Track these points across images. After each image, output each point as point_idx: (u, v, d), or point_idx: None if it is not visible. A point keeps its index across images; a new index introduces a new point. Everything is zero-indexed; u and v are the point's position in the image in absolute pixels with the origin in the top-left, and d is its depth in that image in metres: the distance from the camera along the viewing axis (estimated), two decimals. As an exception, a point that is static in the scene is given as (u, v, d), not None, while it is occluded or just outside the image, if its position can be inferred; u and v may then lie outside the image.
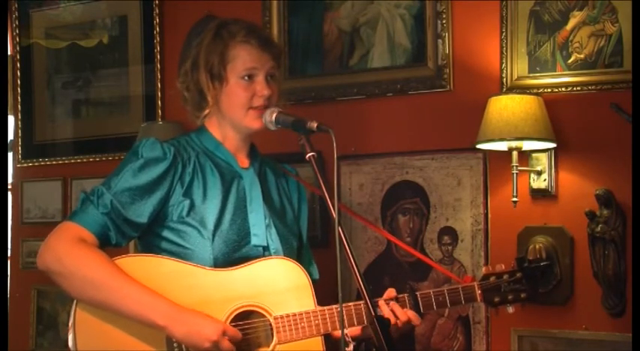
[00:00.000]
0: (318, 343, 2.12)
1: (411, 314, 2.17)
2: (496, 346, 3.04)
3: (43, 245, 2.04)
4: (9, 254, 4.20)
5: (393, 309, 2.15)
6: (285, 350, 2.09)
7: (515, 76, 3.05)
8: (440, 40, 3.20)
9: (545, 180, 2.96)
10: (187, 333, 1.98)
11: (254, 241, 2.17)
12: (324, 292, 2.20)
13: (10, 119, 4.26)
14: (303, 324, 2.10)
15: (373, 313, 1.89)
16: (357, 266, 1.91)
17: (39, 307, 4.11)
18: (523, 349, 2.99)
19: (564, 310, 2.94)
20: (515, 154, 2.87)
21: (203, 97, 2.23)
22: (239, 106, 2.19)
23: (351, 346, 2.13)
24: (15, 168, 4.29)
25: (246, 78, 2.19)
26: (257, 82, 2.19)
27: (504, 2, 3.07)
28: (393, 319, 2.13)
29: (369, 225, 2.89)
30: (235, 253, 2.14)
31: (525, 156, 2.98)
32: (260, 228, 2.19)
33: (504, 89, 3.05)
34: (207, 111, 2.23)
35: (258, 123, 2.19)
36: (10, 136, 4.23)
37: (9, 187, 4.25)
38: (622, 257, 2.81)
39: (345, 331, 2.18)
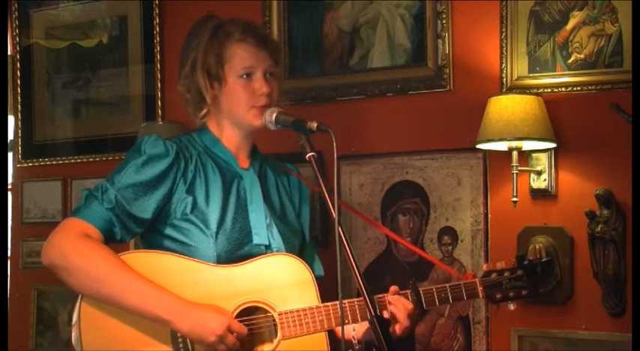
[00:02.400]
0: (321, 338, 2.13)
1: (406, 303, 2.16)
2: (496, 346, 3.05)
3: (48, 241, 2.04)
4: (9, 254, 4.20)
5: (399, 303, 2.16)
6: (289, 346, 2.10)
7: (515, 76, 3.05)
8: (440, 40, 3.20)
9: (545, 180, 2.96)
10: (192, 327, 1.98)
11: (256, 240, 2.18)
12: (325, 292, 2.20)
13: (10, 119, 4.26)
14: (307, 320, 2.11)
15: (373, 313, 1.89)
16: (357, 266, 1.92)
17: (39, 307, 4.11)
18: (523, 349, 2.99)
19: (564, 310, 2.94)
20: (515, 154, 2.87)
21: (202, 97, 2.24)
22: (240, 105, 2.20)
23: (357, 348, 2.15)
24: (15, 168, 4.29)
25: (244, 77, 2.20)
26: (255, 79, 2.20)
27: (504, 2, 3.07)
28: (401, 312, 2.13)
29: (370, 222, 2.90)
30: (238, 251, 2.15)
31: (525, 156, 2.98)
32: (261, 227, 2.20)
33: (504, 89, 3.05)
34: (205, 110, 2.24)
35: (259, 120, 2.19)
36: (10, 136, 4.23)
37: (9, 187, 4.25)
38: (622, 257, 2.81)
39: (353, 332, 2.20)
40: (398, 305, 2.15)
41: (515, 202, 2.91)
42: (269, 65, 2.23)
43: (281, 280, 2.14)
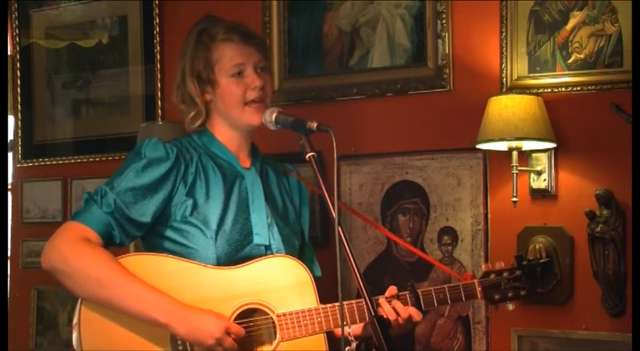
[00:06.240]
0: (320, 340, 2.14)
1: (412, 311, 2.18)
2: (496, 346, 3.05)
3: (48, 245, 2.06)
4: (9, 254, 4.20)
5: (394, 306, 2.16)
6: (288, 347, 2.10)
7: (515, 76, 3.05)
8: (440, 40, 3.20)
9: (545, 180, 2.96)
10: (191, 330, 1.99)
11: (256, 240, 2.19)
12: (324, 292, 2.20)
13: (10, 119, 4.26)
14: (305, 321, 2.11)
15: (373, 313, 1.89)
16: (357, 266, 1.92)
17: (39, 307, 4.11)
18: (523, 349, 2.99)
19: (564, 310, 2.94)
20: (515, 154, 2.87)
21: (195, 104, 2.26)
22: (235, 104, 2.21)
23: (354, 345, 2.14)
24: (15, 168, 4.29)
25: (236, 75, 2.21)
26: (247, 75, 2.22)
27: (504, 2, 3.07)
28: (394, 316, 2.14)
29: (369, 223, 2.90)
30: (238, 253, 2.16)
31: (525, 156, 2.98)
32: (262, 227, 2.21)
33: (504, 89, 3.05)
34: (193, 112, 2.26)
35: (257, 119, 2.20)
36: (10, 136, 4.23)
37: (9, 187, 4.25)
38: (622, 257, 2.81)
39: (348, 329, 2.20)
40: (386, 309, 2.15)
41: (515, 202, 2.91)
42: (258, 60, 2.24)
43: (280, 281, 2.15)
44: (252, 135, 2.31)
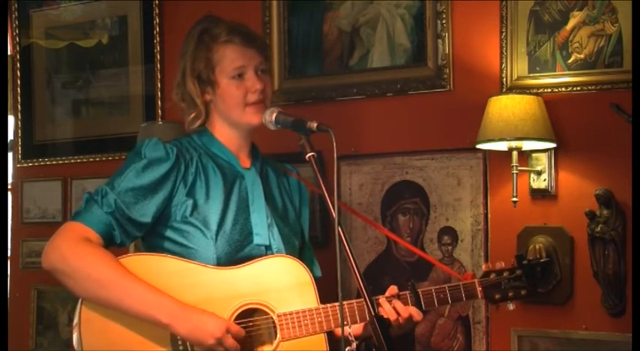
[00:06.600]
0: (321, 340, 2.14)
1: (412, 310, 2.18)
2: (496, 346, 3.05)
3: (48, 245, 2.06)
4: (9, 254, 4.20)
5: (395, 306, 2.16)
6: (288, 347, 2.10)
7: (515, 76, 3.05)
8: (440, 40, 3.20)
9: (545, 180, 2.96)
10: (191, 330, 1.99)
11: (256, 240, 2.19)
12: (324, 292, 2.20)
13: (10, 119, 4.26)
14: (306, 321, 2.12)
15: (373, 313, 1.90)
16: (357, 266, 1.92)
17: (39, 307, 4.11)
18: (523, 349, 2.99)
19: (564, 310, 2.94)
20: (515, 154, 2.87)
21: (195, 104, 2.26)
22: (235, 105, 2.22)
23: (354, 345, 2.14)
24: (15, 168, 4.29)
25: (236, 77, 2.21)
26: (247, 78, 2.22)
27: (504, 2, 3.07)
28: (394, 316, 2.14)
29: (369, 223, 2.90)
30: (238, 253, 2.16)
31: (525, 156, 2.98)
32: (262, 227, 2.21)
33: (504, 89, 3.05)
34: (194, 114, 2.26)
35: (257, 118, 2.21)
36: (10, 136, 4.23)
37: (9, 187, 4.25)
38: (622, 257, 2.81)
39: (348, 329, 2.20)
40: (386, 309, 2.15)
41: (515, 202, 2.91)
42: (259, 62, 2.24)
43: (280, 281, 2.15)
44: (252, 135, 2.31)
